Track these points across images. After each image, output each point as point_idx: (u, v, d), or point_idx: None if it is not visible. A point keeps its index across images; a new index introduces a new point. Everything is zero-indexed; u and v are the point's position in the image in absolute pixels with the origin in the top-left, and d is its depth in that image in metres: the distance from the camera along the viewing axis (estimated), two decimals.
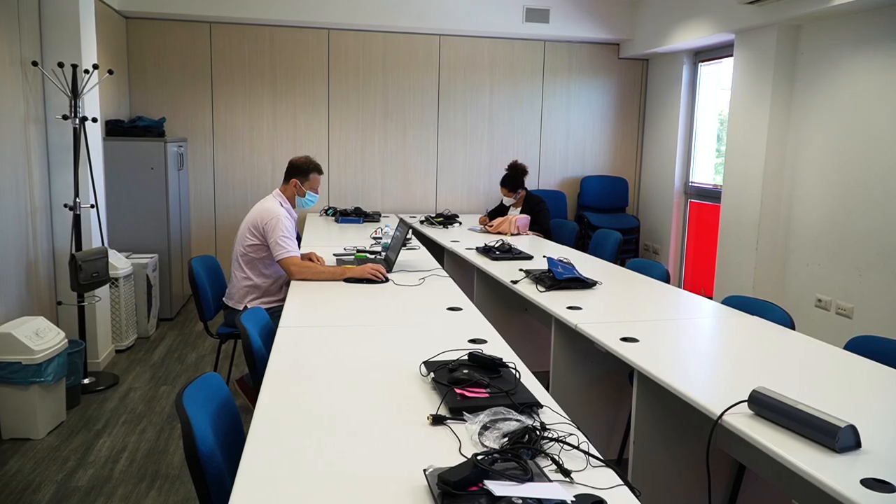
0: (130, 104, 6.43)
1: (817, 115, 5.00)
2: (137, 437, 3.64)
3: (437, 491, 1.41)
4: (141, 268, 5.28)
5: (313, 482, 1.49)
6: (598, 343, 2.66)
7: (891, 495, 1.49)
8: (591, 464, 1.59)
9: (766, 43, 5.25)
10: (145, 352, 5.07)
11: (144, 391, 4.30)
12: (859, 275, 4.62)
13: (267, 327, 2.77)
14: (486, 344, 2.50)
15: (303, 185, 3.91)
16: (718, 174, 6.44)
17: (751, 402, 1.91)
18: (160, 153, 5.60)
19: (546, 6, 6.80)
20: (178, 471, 3.28)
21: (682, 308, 3.35)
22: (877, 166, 4.49)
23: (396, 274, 3.74)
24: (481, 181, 7.29)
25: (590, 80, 7.35)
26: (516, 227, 5.49)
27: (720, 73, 6.44)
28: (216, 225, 6.77)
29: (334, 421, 1.81)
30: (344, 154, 6.96)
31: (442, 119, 7.11)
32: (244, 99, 6.67)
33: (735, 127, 5.66)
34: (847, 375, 2.33)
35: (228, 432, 1.93)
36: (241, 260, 3.80)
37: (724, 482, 2.59)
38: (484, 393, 1.92)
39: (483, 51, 7.08)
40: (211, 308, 3.91)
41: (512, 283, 3.64)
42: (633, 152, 7.57)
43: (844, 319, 4.73)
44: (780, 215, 5.35)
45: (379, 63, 6.89)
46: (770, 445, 1.73)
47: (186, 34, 6.48)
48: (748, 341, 2.77)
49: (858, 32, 4.62)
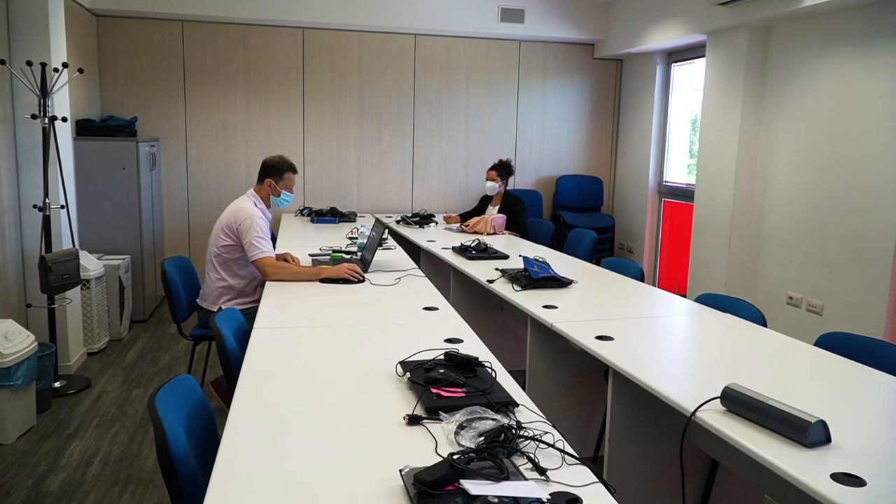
0: (101, 103, 6.34)
1: (788, 115, 5.08)
2: (110, 441, 3.59)
3: (412, 491, 1.40)
4: (113, 269, 5.20)
5: (288, 484, 1.48)
6: (573, 341, 2.68)
7: (860, 489, 1.52)
8: (566, 462, 1.60)
9: (738, 44, 5.32)
10: (118, 354, 5.00)
11: (117, 394, 4.24)
12: (829, 272, 4.70)
13: (241, 329, 2.74)
14: (462, 343, 2.50)
15: (277, 184, 3.88)
16: (692, 173, 6.51)
17: (723, 399, 1.93)
18: (132, 153, 5.53)
19: (521, 6, 6.83)
20: (152, 474, 3.24)
21: (656, 306, 3.38)
22: (846, 165, 4.57)
23: (372, 274, 3.73)
24: (457, 181, 7.29)
25: (565, 80, 7.39)
26: (492, 226, 5.51)
27: (693, 73, 6.51)
28: (189, 225, 6.70)
29: (309, 422, 1.80)
30: (319, 154, 6.92)
31: (418, 119, 7.10)
32: (217, 98, 6.60)
33: (707, 127, 5.72)
34: (817, 371, 2.37)
35: (202, 435, 1.91)
36: (215, 261, 3.77)
37: (698, 478, 2.62)
38: (460, 392, 1.93)
39: (459, 50, 7.09)
40: (184, 309, 3.87)
41: (488, 282, 3.65)
42: (607, 152, 7.63)
43: (815, 316, 4.81)
44: (751, 214, 5.42)
45: (354, 62, 6.86)
46: (742, 441, 1.76)
47: (158, 32, 6.40)
48: (721, 338, 2.80)
49: (827, 33, 4.70)
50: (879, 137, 4.30)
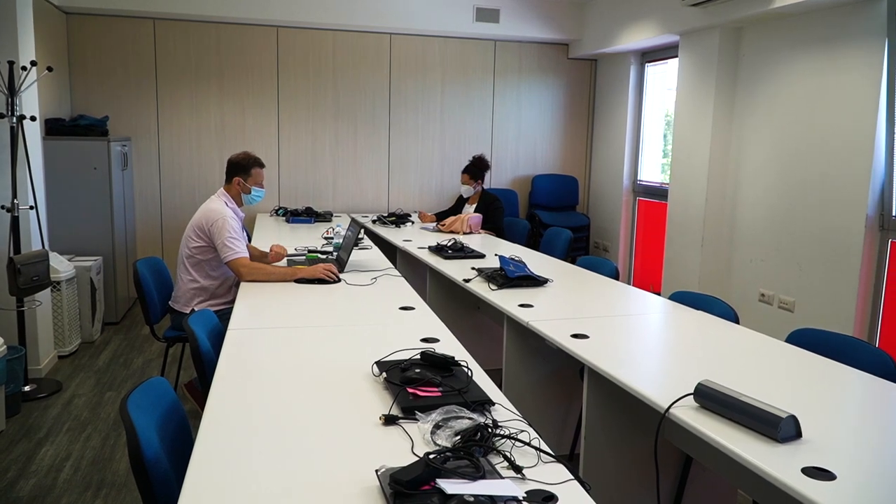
0: (72, 102, 6.24)
1: (759, 115, 5.15)
2: (82, 445, 3.54)
3: (389, 491, 1.40)
4: (84, 271, 5.13)
5: (263, 485, 1.46)
6: (549, 340, 2.69)
7: (830, 483, 1.54)
8: (542, 460, 1.61)
9: (709, 44, 5.38)
10: (90, 357, 4.92)
11: (89, 398, 4.18)
12: (800, 270, 4.77)
13: (215, 330, 2.72)
14: (438, 343, 2.50)
15: (246, 181, 3.84)
16: (665, 172, 6.57)
17: (696, 395, 1.96)
18: (103, 152, 5.45)
19: (496, 6, 6.84)
20: (125, 478, 3.19)
21: (630, 304, 3.40)
22: (815, 164, 4.64)
23: (348, 274, 3.72)
24: (433, 180, 7.29)
25: (540, 79, 7.42)
26: (468, 225, 5.51)
27: (666, 73, 6.58)
28: (162, 226, 6.62)
29: (284, 423, 1.79)
30: (294, 153, 6.88)
31: (393, 118, 7.09)
32: (190, 97, 6.53)
33: (680, 126, 5.79)
34: (788, 367, 2.40)
35: (176, 438, 1.89)
36: (187, 262, 3.73)
37: (673, 473, 2.64)
38: (436, 392, 1.92)
39: (434, 50, 7.08)
40: (157, 311, 3.82)
41: (464, 281, 3.65)
42: (582, 151, 7.67)
43: (786, 313, 4.88)
44: (724, 213, 5.49)
45: (329, 61, 6.83)
46: (715, 437, 1.78)
47: (129, 31, 6.32)
48: (694, 336, 2.83)
49: (797, 35, 4.77)
50: (848, 137, 4.37)
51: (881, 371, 2.33)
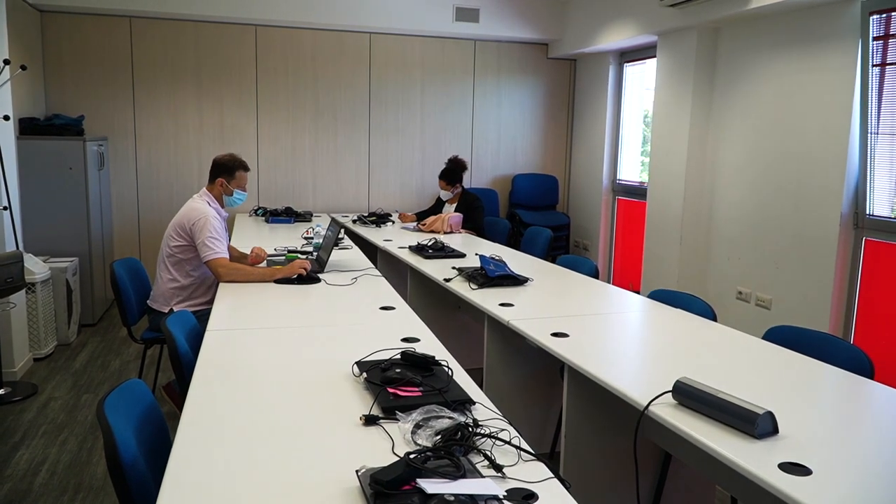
0: (46, 101, 6.15)
1: (735, 115, 5.20)
2: (58, 449, 3.49)
3: (369, 491, 1.40)
4: (60, 272, 5.06)
5: (242, 488, 1.45)
6: (529, 339, 2.70)
7: (806, 478, 1.56)
8: (522, 458, 1.61)
9: (687, 44, 5.42)
10: (66, 359, 4.86)
11: (65, 400, 4.13)
12: (776, 268, 4.83)
13: (194, 331, 2.69)
14: (419, 343, 2.50)
15: (229, 183, 3.82)
16: (644, 172, 6.61)
17: (675, 393, 1.97)
18: (79, 152, 5.38)
19: (476, 6, 6.85)
20: (103, 482, 3.16)
21: (610, 303, 3.42)
22: (791, 164, 4.70)
23: (329, 274, 3.70)
24: (414, 180, 7.29)
25: (520, 79, 7.44)
26: (449, 225, 5.51)
27: (644, 73, 6.62)
28: (140, 226, 6.55)
29: (264, 425, 1.78)
30: (274, 153, 6.84)
31: (373, 118, 7.07)
32: (168, 96, 6.47)
33: (658, 126, 5.83)
34: (765, 364, 2.43)
35: (154, 440, 1.87)
36: (168, 261, 3.69)
37: (652, 470, 2.66)
38: (417, 392, 1.92)
39: (414, 49, 7.08)
40: (135, 312, 3.78)
41: (445, 281, 3.65)
42: (562, 151, 7.71)
43: (763, 310, 4.93)
44: (702, 211, 5.54)
45: (308, 61, 6.80)
46: (693, 433, 1.79)
47: (105, 29, 6.24)
48: (673, 334, 2.85)
49: (774, 35, 4.83)
50: (822, 136, 4.43)
51: (856, 367, 2.36)
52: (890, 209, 4.20)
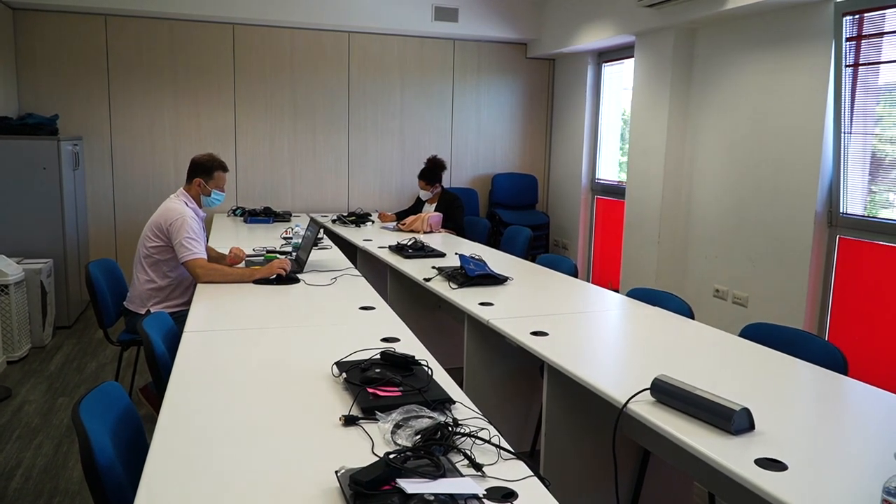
0: (19, 100, 6.06)
1: (712, 114, 5.25)
2: (33, 453, 3.44)
3: (349, 492, 1.39)
4: (34, 273, 4.99)
5: (220, 490, 1.44)
6: (509, 338, 2.70)
7: (782, 473, 1.58)
8: (502, 457, 1.61)
9: (664, 45, 5.47)
10: (41, 362, 4.79)
11: (40, 404, 4.07)
12: (753, 265, 4.88)
13: (171, 332, 2.67)
14: (398, 342, 2.50)
15: (207, 183, 3.78)
16: (623, 171, 6.66)
17: (653, 390, 1.99)
18: (53, 152, 5.31)
19: (455, 5, 6.85)
20: (79, 486, 3.12)
21: (589, 301, 3.44)
22: (766, 163, 4.75)
23: (308, 274, 3.69)
24: (394, 179, 7.27)
25: (499, 78, 7.46)
26: (429, 224, 5.51)
27: (622, 73, 6.67)
28: (116, 227, 6.47)
29: (243, 426, 1.76)
30: (252, 152, 6.79)
31: (353, 117, 7.05)
32: (144, 95, 6.40)
33: (636, 125, 5.87)
34: (742, 361, 2.46)
35: (130, 443, 1.85)
36: (145, 262, 3.65)
37: (631, 467, 2.68)
38: (396, 391, 1.92)
39: (393, 49, 7.06)
40: (111, 314, 3.74)
41: (425, 280, 3.65)
42: (541, 150, 7.74)
43: (740, 308, 4.99)
44: (679, 210, 5.59)
45: (287, 60, 6.76)
46: (671, 430, 1.81)
47: (80, 27, 6.16)
48: (651, 331, 2.88)
49: (750, 35, 4.88)
50: (797, 135, 4.49)
51: (830, 364, 2.39)
52: (863, 207, 4.26)
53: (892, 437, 1.82)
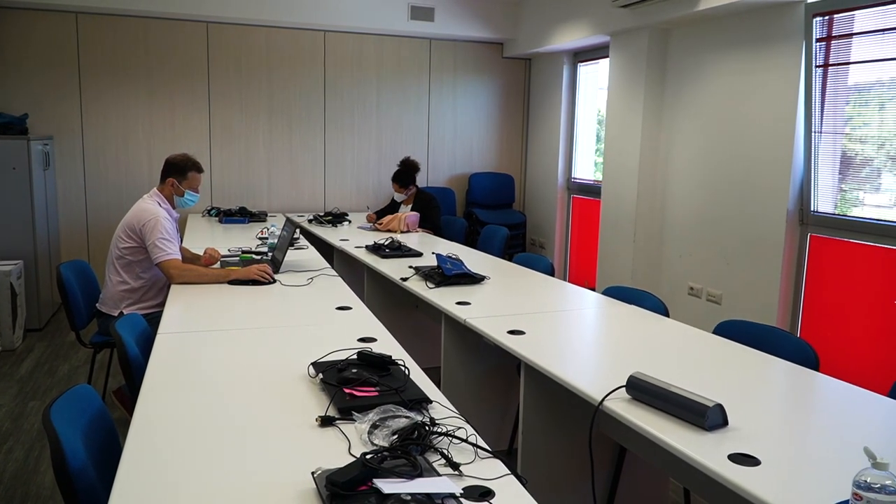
0: None
1: (686, 114, 5.31)
2: (4, 458, 3.38)
3: (325, 493, 1.39)
4: (4, 275, 4.90)
5: (195, 493, 1.43)
6: (486, 337, 2.71)
7: (754, 468, 1.60)
8: (479, 456, 1.62)
9: (639, 45, 5.51)
10: (11, 365, 4.71)
11: (10, 408, 4.00)
12: (727, 263, 4.94)
13: (145, 334, 2.64)
14: (375, 342, 2.49)
15: (181, 184, 3.74)
16: (599, 170, 6.70)
17: (628, 387, 2.00)
18: (23, 152, 5.22)
19: (431, 4, 6.85)
20: (51, 491, 3.07)
21: (566, 300, 3.46)
22: (739, 162, 4.81)
23: (284, 274, 3.66)
24: (370, 179, 7.25)
25: (475, 78, 7.47)
26: (406, 224, 5.50)
27: (598, 73, 6.71)
28: (88, 228, 6.38)
29: (218, 428, 1.75)
30: (227, 152, 6.73)
31: (329, 117, 7.01)
32: (116, 94, 6.31)
33: (611, 125, 5.91)
34: (716, 358, 2.48)
35: (103, 447, 1.83)
36: (117, 263, 3.61)
37: (607, 464, 2.70)
38: (373, 392, 1.92)
39: (369, 48, 7.04)
40: (83, 316, 3.68)
41: (402, 280, 3.64)
42: (518, 149, 7.76)
43: (714, 305, 5.05)
44: (654, 209, 5.64)
45: (262, 59, 6.71)
46: (646, 427, 1.82)
47: (50, 25, 6.06)
48: (627, 329, 2.90)
49: (723, 36, 4.93)
50: (769, 135, 4.55)
51: (802, 360, 2.43)
52: (833, 206, 4.33)
53: (863, 432, 1.85)
